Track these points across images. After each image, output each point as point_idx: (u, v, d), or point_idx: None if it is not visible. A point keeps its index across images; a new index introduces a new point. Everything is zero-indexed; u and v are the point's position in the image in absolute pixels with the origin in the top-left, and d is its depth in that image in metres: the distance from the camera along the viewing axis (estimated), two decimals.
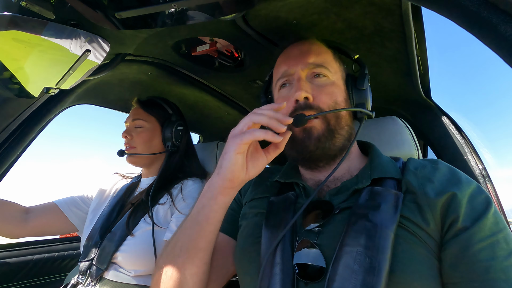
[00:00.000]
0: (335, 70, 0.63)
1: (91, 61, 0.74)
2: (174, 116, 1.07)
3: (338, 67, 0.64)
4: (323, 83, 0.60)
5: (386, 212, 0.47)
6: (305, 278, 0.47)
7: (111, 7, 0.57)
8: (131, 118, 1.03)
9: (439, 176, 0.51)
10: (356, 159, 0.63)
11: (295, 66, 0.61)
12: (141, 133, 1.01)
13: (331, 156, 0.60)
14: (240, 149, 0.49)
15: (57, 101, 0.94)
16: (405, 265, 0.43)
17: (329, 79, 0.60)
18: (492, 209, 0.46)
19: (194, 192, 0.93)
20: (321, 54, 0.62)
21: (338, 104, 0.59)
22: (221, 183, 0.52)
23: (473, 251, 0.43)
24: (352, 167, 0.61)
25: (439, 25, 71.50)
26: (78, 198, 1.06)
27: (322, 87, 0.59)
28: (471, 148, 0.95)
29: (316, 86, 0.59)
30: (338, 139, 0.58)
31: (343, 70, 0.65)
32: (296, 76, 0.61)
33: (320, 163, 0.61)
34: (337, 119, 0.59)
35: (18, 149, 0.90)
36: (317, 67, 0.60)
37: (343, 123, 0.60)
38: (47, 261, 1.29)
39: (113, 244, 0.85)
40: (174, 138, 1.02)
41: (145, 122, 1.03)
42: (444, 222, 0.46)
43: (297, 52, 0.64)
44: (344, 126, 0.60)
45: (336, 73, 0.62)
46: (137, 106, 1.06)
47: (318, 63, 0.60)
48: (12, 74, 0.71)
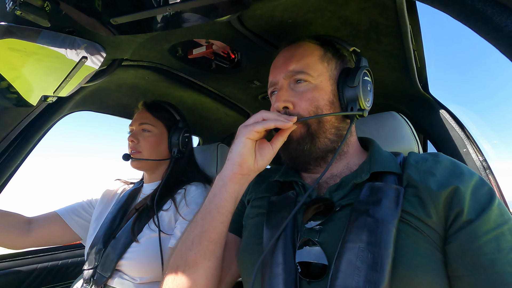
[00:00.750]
0: (320, 72, 0.60)
1: (88, 68, 0.74)
2: (182, 122, 1.06)
3: (326, 67, 0.61)
4: (303, 89, 0.60)
5: (387, 207, 0.47)
6: (308, 277, 0.47)
7: (106, 13, 0.57)
8: (138, 121, 1.01)
9: (441, 169, 0.51)
10: (355, 155, 0.63)
11: (278, 75, 0.63)
12: (148, 137, 1.00)
13: (316, 158, 0.60)
14: (251, 135, 0.53)
15: (56, 108, 0.94)
16: (408, 259, 0.43)
17: (311, 83, 0.60)
18: (496, 201, 0.46)
19: (198, 197, 0.93)
20: (303, 58, 0.61)
21: (319, 108, 0.58)
22: (231, 168, 0.55)
23: (478, 244, 0.43)
24: (351, 163, 0.61)
25: (435, 19, 71.08)
26: (78, 207, 1.06)
27: (303, 93, 0.59)
28: (471, 140, 0.95)
29: (297, 93, 0.60)
30: (321, 142, 0.59)
31: (333, 69, 0.62)
32: (279, 86, 0.63)
33: (309, 166, 0.62)
34: (319, 123, 0.59)
35: (18, 158, 0.90)
36: (298, 73, 0.60)
37: (328, 126, 0.59)
38: (51, 269, 1.29)
39: (117, 251, 0.85)
40: (180, 145, 1.02)
41: (153, 127, 1.01)
42: (448, 215, 0.46)
43: (282, 60, 0.64)
44: (329, 129, 0.59)
45: (320, 75, 0.60)
46: (143, 109, 1.04)
47: (298, 70, 0.60)
48: (9, 83, 0.71)
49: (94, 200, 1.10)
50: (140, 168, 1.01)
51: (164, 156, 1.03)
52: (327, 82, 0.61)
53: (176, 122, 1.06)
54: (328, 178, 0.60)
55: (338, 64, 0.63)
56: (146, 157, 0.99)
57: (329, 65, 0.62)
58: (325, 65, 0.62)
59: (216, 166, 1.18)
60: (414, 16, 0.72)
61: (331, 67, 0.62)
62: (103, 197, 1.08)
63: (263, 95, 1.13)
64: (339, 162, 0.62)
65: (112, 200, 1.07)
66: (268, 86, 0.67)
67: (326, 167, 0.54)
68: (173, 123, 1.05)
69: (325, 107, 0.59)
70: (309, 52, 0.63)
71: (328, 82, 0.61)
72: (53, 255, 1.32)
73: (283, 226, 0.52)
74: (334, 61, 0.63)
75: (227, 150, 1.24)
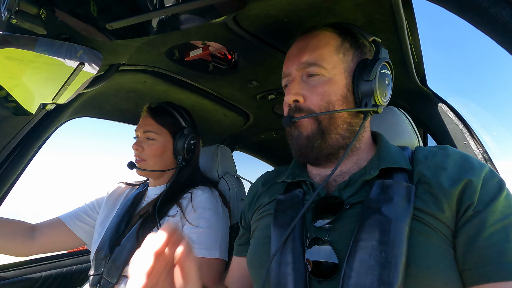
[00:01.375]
0: (334, 64, 0.57)
1: (86, 74, 0.74)
2: (188, 128, 1.02)
3: (341, 59, 0.58)
4: (316, 83, 0.57)
5: (399, 206, 0.46)
6: (318, 276, 0.47)
7: (102, 19, 0.57)
8: (142, 128, 0.99)
9: (451, 163, 0.50)
10: (365, 151, 0.61)
11: (291, 67, 0.61)
12: (152, 146, 0.97)
13: (327, 154, 0.58)
14: None
15: (55, 116, 0.94)
16: (421, 258, 0.43)
17: (324, 77, 0.57)
18: (504, 192, 0.46)
19: (204, 201, 0.92)
20: (317, 49, 0.58)
21: (331, 103, 0.56)
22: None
23: (486, 235, 0.43)
24: (360, 159, 0.60)
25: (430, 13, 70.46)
26: (81, 212, 1.05)
27: (315, 87, 0.57)
28: (471, 132, 0.95)
29: (309, 86, 0.58)
30: (332, 139, 0.57)
31: (350, 60, 0.58)
32: (292, 77, 0.61)
33: (320, 161, 0.60)
34: (331, 119, 0.57)
35: (19, 167, 0.90)
36: (310, 66, 0.58)
37: (339, 122, 0.57)
38: (56, 277, 1.28)
39: (123, 257, 0.85)
40: (185, 153, 0.99)
41: (156, 135, 0.98)
42: (460, 208, 0.46)
43: (295, 50, 0.62)
44: (341, 125, 0.57)
45: (335, 67, 0.57)
46: (147, 115, 1.00)
47: (311, 62, 0.58)
48: (8, 92, 0.71)
49: (96, 203, 1.09)
50: (145, 175, 1.01)
51: (170, 163, 1.01)
52: (342, 75, 0.58)
53: (181, 128, 1.02)
54: (336, 176, 0.59)
55: (356, 55, 0.60)
56: (151, 165, 0.97)
57: (345, 56, 0.59)
58: (341, 56, 0.58)
59: (217, 167, 1.18)
60: (410, 10, 0.72)
61: (347, 59, 0.59)
62: (107, 201, 1.08)
63: (261, 95, 1.13)
64: (350, 158, 0.60)
65: (117, 204, 1.06)
66: (282, 77, 0.64)
67: (336, 165, 0.53)
68: (178, 129, 1.02)
69: (337, 102, 0.57)
70: (324, 42, 0.59)
71: (343, 75, 0.58)
72: (57, 262, 1.32)
73: (292, 226, 0.51)
74: (351, 52, 0.59)
75: (227, 151, 1.25)
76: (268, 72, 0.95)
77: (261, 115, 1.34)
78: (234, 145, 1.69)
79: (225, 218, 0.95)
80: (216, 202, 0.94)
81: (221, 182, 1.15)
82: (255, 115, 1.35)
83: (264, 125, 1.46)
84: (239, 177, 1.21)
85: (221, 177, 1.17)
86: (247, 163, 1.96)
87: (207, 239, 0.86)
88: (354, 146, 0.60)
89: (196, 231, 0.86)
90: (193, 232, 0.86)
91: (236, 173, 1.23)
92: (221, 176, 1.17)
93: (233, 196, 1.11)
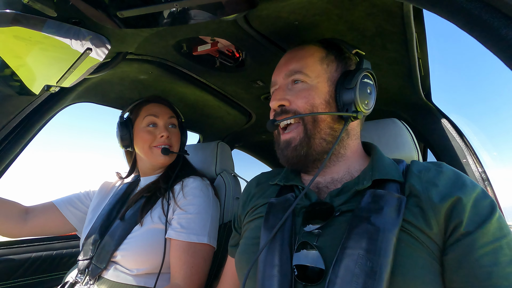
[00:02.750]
0: (318, 73, 0.61)
1: (92, 59, 0.74)
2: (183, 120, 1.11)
3: (325, 69, 0.62)
4: (300, 88, 0.61)
5: (389, 216, 0.47)
6: (304, 280, 0.47)
7: (113, 6, 0.57)
8: (167, 116, 1.01)
9: (443, 179, 0.51)
10: (356, 160, 0.62)
11: (278, 76, 0.65)
12: (176, 134, 1.04)
13: (313, 160, 0.60)
14: None
15: (58, 99, 0.94)
16: (406, 269, 0.43)
17: (307, 84, 0.61)
18: (496, 214, 0.46)
19: (195, 189, 0.94)
20: (302, 59, 0.62)
21: (315, 107, 0.59)
22: None
23: (475, 256, 0.43)
24: (352, 169, 0.61)
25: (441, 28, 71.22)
26: (75, 198, 1.06)
27: (299, 91, 0.61)
28: (471, 151, 0.95)
29: (294, 92, 0.61)
30: (316, 143, 0.59)
31: (334, 71, 0.62)
32: (278, 85, 0.65)
33: (308, 168, 0.62)
34: (315, 122, 0.59)
35: (18, 147, 0.90)
36: (295, 73, 0.62)
37: (323, 125, 0.59)
38: (45, 259, 1.29)
39: (113, 243, 0.85)
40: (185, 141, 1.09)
41: (177, 121, 1.05)
42: (448, 226, 0.46)
43: (283, 61, 0.66)
44: (324, 129, 0.60)
45: (318, 76, 0.61)
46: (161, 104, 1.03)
47: (296, 70, 0.62)
48: (13, 71, 0.71)
49: (91, 191, 1.10)
50: (169, 162, 1.02)
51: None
52: (325, 83, 0.61)
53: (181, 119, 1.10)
54: (328, 183, 0.60)
55: (340, 66, 0.63)
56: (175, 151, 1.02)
57: (329, 67, 0.62)
58: (325, 66, 0.62)
59: (215, 164, 1.18)
60: (421, 24, 0.72)
61: (331, 69, 0.62)
62: (101, 188, 1.09)
63: (265, 95, 1.13)
64: (337, 165, 0.61)
65: (110, 192, 1.07)
66: (270, 86, 0.68)
67: (320, 167, 0.55)
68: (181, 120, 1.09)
69: (320, 106, 0.59)
70: (309, 53, 0.63)
71: (326, 84, 0.61)
72: (48, 245, 1.32)
73: (278, 226, 0.52)
74: (335, 63, 0.63)
75: (227, 148, 1.25)
76: None
77: (263, 116, 1.34)
78: (234, 143, 1.69)
79: (215, 206, 0.96)
80: (206, 190, 0.95)
81: (218, 178, 1.15)
82: (257, 115, 1.35)
83: (265, 126, 1.46)
84: (236, 176, 1.22)
85: (219, 174, 1.17)
86: (246, 162, 1.96)
87: (196, 225, 0.87)
88: (339, 152, 0.61)
89: (185, 217, 0.87)
90: (182, 217, 0.87)
91: (234, 171, 1.24)
92: (219, 173, 1.17)
93: (229, 193, 1.12)
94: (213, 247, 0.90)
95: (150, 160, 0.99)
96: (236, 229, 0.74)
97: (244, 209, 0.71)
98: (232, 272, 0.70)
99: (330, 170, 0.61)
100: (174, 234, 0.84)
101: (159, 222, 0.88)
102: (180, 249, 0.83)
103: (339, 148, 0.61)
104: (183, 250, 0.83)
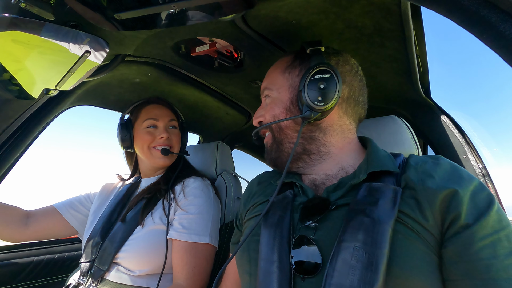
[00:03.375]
0: (279, 85, 0.65)
1: (91, 62, 0.74)
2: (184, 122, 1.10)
3: (286, 78, 0.65)
4: (268, 102, 0.67)
5: (384, 207, 0.47)
6: (302, 273, 0.47)
7: (111, 8, 0.57)
8: (167, 118, 1.01)
9: (440, 171, 0.51)
10: (349, 156, 0.62)
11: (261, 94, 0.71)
12: (177, 135, 1.04)
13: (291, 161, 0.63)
14: None
15: (57, 102, 0.94)
16: (403, 260, 0.43)
17: (271, 97, 0.67)
18: (495, 206, 0.46)
19: (195, 189, 0.94)
20: (269, 75, 0.69)
21: (276, 116, 0.64)
22: None
23: (474, 249, 0.43)
24: (345, 164, 0.61)
25: (439, 25, 70.73)
26: (76, 201, 1.06)
27: (267, 106, 0.67)
28: (471, 147, 0.95)
29: (265, 107, 0.67)
30: (287, 147, 0.64)
31: (296, 76, 0.63)
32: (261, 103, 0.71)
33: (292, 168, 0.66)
34: (280, 129, 0.65)
35: (18, 151, 0.90)
36: (264, 90, 0.69)
37: (288, 131, 0.64)
38: (47, 262, 1.29)
39: (115, 244, 0.85)
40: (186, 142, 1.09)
41: (177, 123, 1.05)
42: (445, 219, 0.46)
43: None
44: (290, 134, 0.64)
45: (280, 87, 0.65)
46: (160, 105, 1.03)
47: (264, 87, 0.69)
48: (12, 75, 0.71)
49: (92, 194, 1.10)
50: (170, 163, 1.02)
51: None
52: (286, 92, 0.64)
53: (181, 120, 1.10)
54: (324, 179, 0.61)
55: (303, 70, 0.63)
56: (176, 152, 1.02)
57: (290, 74, 0.65)
58: (286, 75, 0.65)
59: (215, 164, 1.18)
60: (419, 21, 0.72)
61: (292, 76, 0.64)
62: (102, 190, 1.09)
63: None
64: (326, 162, 0.62)
65: (111, 194, 1.07)
66: None
67: (285, 167, 0.58)
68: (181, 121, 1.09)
69: (281, 114, 0.64)
70: (275, 67, 0.69)
71: (287, 92, 0.64)
72: (49, 248, 1.32)
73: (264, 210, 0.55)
74: (298, 69, 0.64)
75: (227, 149, 1.25)
76: None
77: None
78: (234, 144, 1.69)
79: (216, 206, 0.96)
80: (207, 190, 0.96)
81: (219, 179, 1.15)
82: None
83: None
84: (236, 176, 1.22)
85: (219, 174, 1.17)
86: (246, 162, 1.96)
87: (198, 225, 0.87)
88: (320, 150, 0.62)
89: (186, 217, 0.88)
90: (184, 218, 0.88)
91: (234, 171, 1.24)
92: (219, 173, 1.17)
93: (230, 194, 1.12)
94: (215, 247, 0.90)
95: (150, 161, 0.99)
96: (238, 227, 0.75)
97: (245, 207, 0.72)
98: (234, 270, 0.70)
99: (320, 167, 0.62)
100: (175, 235, 0.85)
101: (160, 223, 0.88)
102: (182, 249, 0.84)
103: (317, 147, 0.62)
104: (185, 250, 0.83)
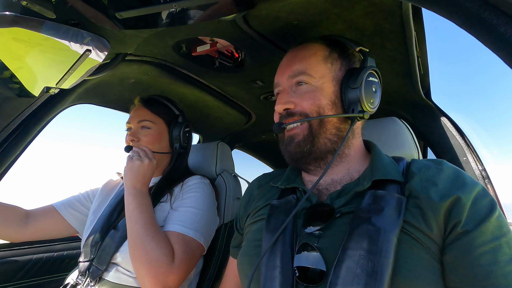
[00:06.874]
0: (322, 73, 0.60)
1: (92, 61, 0.74)
2: (181, 117, 1.04)
3: (329, 68, 0.60)
4: (305, 90, 0.60)
5: (389, 216, 0.46)
6: (305, 281, 0.47)
7: (112, 7, 0.57)
8: (136, 119, 0.98)
9: (443, 178, 0.50)
10: (357, 161, 0.62)
11: (282, 77, 0.63)
12: (148, 134, 0.97)
13: (315, 158, 0.60)
14: None
15: (57, 100, 0.94)
16: (407, 270, 0.43)
17: (311, 85, 0.59)
18: (496, 212, 0.45)
19: (192, 186, 0.94)
20: (305, 59, 0.61)
21: (321, 108, 0.58)
22: None
23: (474, 255, 0.43)
24: (352, 170, 0.60)
25: (440, 26, 71.19)
26: (75, 200, 1.05)
27: (305, 93, 0.59)
28: (471, 149, 0.95)
29: (299, 94, 0.60)
30: (321, 142, 0.59)
31: (338, 70, 0.61)
32: (282, 87, 0.63)
33: (309, 166, 0.62)
34: (321, 122, 0.58)
35: (18, 149, 0.90)
36: (299, 75, 0.60)
37: (329, 126, 0.59)
38: (46, 261, 1.29)
39: (114, 244, 0.85)
40: (182, 140, 1.01)
41: (152, 123, 0.98)
42: (447, 225, 0.46)
43: (285, 61, 0.65)
44: (330, 129, 0.59)
45: (323, 76, 0.59)
46: (140, 105, 1.01)
47: (300, 71, 0.60)
48: (12, 73, 0.71)
49: (91, 192, 1.09)
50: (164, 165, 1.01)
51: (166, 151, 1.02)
52: (330, 83, 0.60)
53: (175, 116, 1.04)
54: (328, 185, 0.60)
55: (344, 64, 0.62)
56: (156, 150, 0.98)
57: (333, 65, 0.61)
58: (329, 65, 0.61)
59: (215, 164, 1.18)
60: (420, 22, 0.72)
61: (335, 68, 0.61)
62: (101, 190, 1.08)
63: (265, 95, 1.13)
64: (339, 165, 0.61)
65: (111, 194, 1.06)
66: (274, 87, 0.67)
67: (325, 170, 0.54)
68: (172, 118, 1.03)
69: (327, 106, 0.58)
70: (312, 52, 0.62)
71: (331, 83, 0.60)
72: (48, 246, 1.32)
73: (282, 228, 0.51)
74: (339, 62, 0.62)
75: (227, 149, 1.25)
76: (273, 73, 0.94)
77: (263, 116, 1.34)
78: (234, 143, 1.69)
79: (210, 203, 0.95)
80: (203, 187, 0.95)
81: (218, 179, 1.15)
82: (257, 115, 1.35)
83: (265, 125, 1.46)
84: (236, 176, 1.22)
85: (219, 174, 1.17)
86: (245, 162, 1.96)
87: (185, 218, 0.86)
88: (343, 152, 0.61)
89: (176, 210, 0.88)
90: (174, 211, 0.88)
91: (234, 171, 1.24)
92: (219, 173, 1.17)
93: (229, 194, 1.12)
94: (201, 243, 0.86)
95: None
96: (238, 230, 0.74)
97: (246, 211, 0.70)
98: (234, 273, 0.70)
99: (331, 171, 0.61)
100: (166, 226, 0.85)
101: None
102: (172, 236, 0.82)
103: (343, 148, 0.60)
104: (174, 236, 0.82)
